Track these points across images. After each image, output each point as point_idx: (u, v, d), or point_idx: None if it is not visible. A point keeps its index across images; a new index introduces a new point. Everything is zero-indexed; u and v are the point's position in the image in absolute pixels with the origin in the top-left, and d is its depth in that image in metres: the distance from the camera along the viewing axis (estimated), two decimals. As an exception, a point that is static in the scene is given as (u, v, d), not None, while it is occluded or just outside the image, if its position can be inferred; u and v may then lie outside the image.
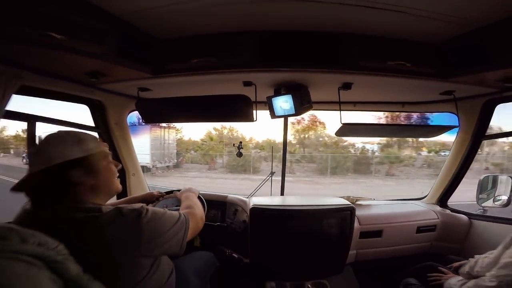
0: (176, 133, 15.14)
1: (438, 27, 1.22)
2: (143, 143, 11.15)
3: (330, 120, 15.50)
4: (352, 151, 14.74)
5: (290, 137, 15.87)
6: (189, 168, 14.79)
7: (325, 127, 15.51)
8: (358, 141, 14.79)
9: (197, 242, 1.68)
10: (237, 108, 1.53)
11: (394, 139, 13.92)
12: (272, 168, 2.24)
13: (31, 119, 1.46)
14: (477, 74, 1.35)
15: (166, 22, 1.27)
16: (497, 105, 1.73)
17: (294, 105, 1.51)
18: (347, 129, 1.60)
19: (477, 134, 1.81)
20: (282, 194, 2.23)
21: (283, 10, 1.17)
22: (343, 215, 1.59)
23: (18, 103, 1.34)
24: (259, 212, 1.56)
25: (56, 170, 0.79)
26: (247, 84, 1.57)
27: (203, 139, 17.30)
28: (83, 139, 0.88)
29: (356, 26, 1.28)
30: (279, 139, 14.80)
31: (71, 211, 0.79)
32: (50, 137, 0.85)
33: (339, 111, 1.56)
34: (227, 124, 16.47)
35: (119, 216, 0.81)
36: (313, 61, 1.37)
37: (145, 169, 10.96)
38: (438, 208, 2.04)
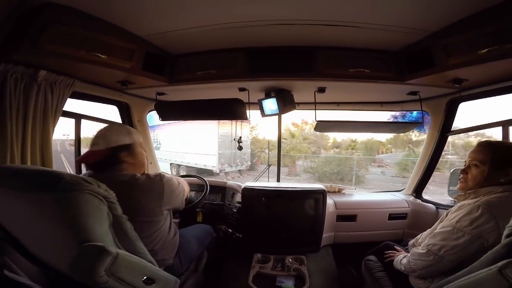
0: (251, 130, 12.38)
1: (392, 37, 1.47)
2: (208, 141, 9.05)
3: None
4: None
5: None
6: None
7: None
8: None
9: (200, 218, 2.04)
10: (233, 109, 1.84)
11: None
12: (268, 161, 2.59)
13: (78, 117, 1.90)
14: (429, 77, 1.53)
15: (178, 42, 1.65)
16: (459, 103, 1.94)
17: (278, 106, 1.85)
18: (323, 126, 1.90)
19: (443, 130, 2.02)
20: (278, 180, 2.53)
21: (265, 31, 1.50)
22: (316, 197, 1.86)
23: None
24: (249, 191, 1.90)
25: (113, 150, 1.18)
26: (241, 89, 1.91)
27: (283, 136, 12.63)
28: (131, 131, 1.27)
29: (323, 40, 1.57)
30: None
31: (119, 176, 1.15)
32: (111, 127, 1.26)
33: (314, 110, 1.87)
34: (309, 119, 12.71)
35: (149, 178, 1.19)
36: (292, 71, 1.67)
37: (210, 173, 9.10)
38: (411, 198, 2.24)
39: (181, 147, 10.01)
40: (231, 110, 1.88)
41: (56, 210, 0.77)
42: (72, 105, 1.85)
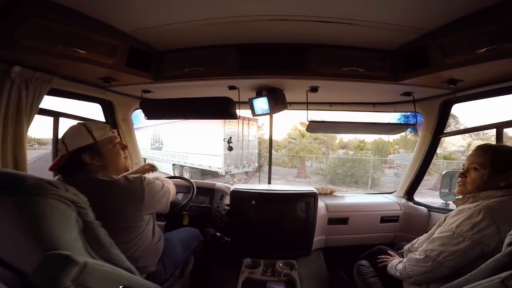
0: (258, 129, 11.59)
1: (386, 36, 1.43)
2: (213, 141, 8.42)
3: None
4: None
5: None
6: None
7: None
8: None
9: (186, 221, 1.96)
10: (222, 108, 1.77)
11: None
12: (259, 162, 2.53)
13: (56, 115, 1.80)
14: (424, 77, 1.50)
15: (164, 37, 1.57)
16: (453, 105, 1.92)
17: (269, 105, 1.79)
18: (315, 126, 1.86)
19: (436, 132, 2.00)
20: (269, 183, 2.48)
21: (257, 27, 1.44)
22: (307, 200, 1.81)
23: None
24: (237, 194, 1.83)
25: (73, 154, 1.09)
26: (231, 88, 1.84)
27: (291, 136, 13.39)
28: (91, 129, 1.13)
29: (316, 37, 1.52)
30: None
31: (93, 179, 1.06)
32: (70, 129, 1.15)
33: (306, 110, 1.83)
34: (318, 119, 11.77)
35: (127, 181, 1.10)
36: (284, 69, 1.61)
37: (215, 175, 8.83)
38: (403, 201, 2.22)
39: (184, 147, 9.55)
40: (220, 109, 1.81)
41: (18, 215, 0.72)
42: (60, 103, 1.78)
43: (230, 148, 2.41)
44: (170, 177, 2.03)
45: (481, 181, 1.15)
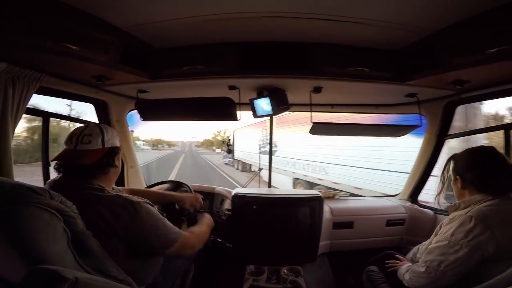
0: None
1: (392, 35, 1.39)
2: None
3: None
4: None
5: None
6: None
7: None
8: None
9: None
10: (222, 109, 1.70)
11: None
12: (259, 165, 2.45)
13: (46, 115, 1.70)
14: (430, 77, 1.47)
15: (161, 34, 1.49)
16: (457, 106, 1.89)
17: (271, 106, 1.73)
18: (318, 128, 1.80)
19: (440, 134, 1.97)
20: (269, 186, 2.40)
21: (259, 24, 1.38)
22: (312, 204, 1.75)
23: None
24: (239, 198, 1.76)
25: (109, 151, 1.06)
26: (231, 87, 1.77)
27: None
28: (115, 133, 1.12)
29: (321, 36, 1.47)
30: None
31: (79, 188, 0.96)
32: (100, 125, 1.08)
33: (310, 112, 1.77)
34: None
35: (114, 199, 0.97)
36: (286, 68, 1.55)
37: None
38: (408, 203, 2.18)
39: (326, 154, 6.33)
40: (220, 110, 1.74)
41: None
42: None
43: (229, 151, 2.33)
44: (165, 182, 1.95)
45: (458, 189, 1.18)
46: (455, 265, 1.02)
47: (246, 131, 11.00)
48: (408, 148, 3.71)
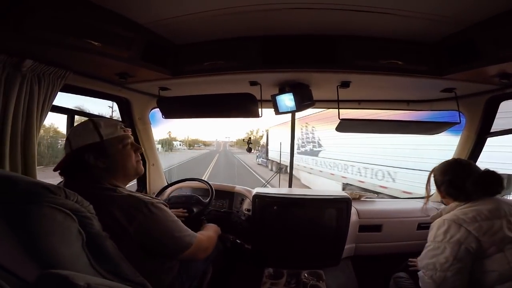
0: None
1: (428, 26, 1.29)
2: None
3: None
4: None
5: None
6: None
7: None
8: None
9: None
10: (244, 105, 1.66)
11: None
12: (280, 164, 2.37)
13: (71, 113, 1.72)
14: (471, 71, 1.37)
15: (182, 29, 1.45)
16: (501, 102, 1.73)
17: (295, 102, 1.64)
18: (346, 125, 1.70)
19: (481, 131, 1.81)
20: (290, 186, 2.31)
21: (282, 16, 1.30)
22: (340, 206, 1.65)
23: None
24: (260, 198, 1.69)
25: (76, 153, 0.97)
26: (253, 83, 1.70)
27: None
28: (99, 125, 1.00)
29: (350, 28, 1.37)
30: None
31: (90, 188, 0.93)
32: (75, 126, 1.05)
33: (337, 109, 1.67)
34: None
35: (128, 200, 0.94)
36: (312, 62, 1.47)
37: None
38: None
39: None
40: (241, 107, 1.70)
41: (7, 225, 0.61)
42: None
43: (249, 150, 2.27)
44: (185, 180, 1.93)
45: (442, 198, 1.36)
46: (449, 263, 1.06)
47: (280, 130, 9.31)
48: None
